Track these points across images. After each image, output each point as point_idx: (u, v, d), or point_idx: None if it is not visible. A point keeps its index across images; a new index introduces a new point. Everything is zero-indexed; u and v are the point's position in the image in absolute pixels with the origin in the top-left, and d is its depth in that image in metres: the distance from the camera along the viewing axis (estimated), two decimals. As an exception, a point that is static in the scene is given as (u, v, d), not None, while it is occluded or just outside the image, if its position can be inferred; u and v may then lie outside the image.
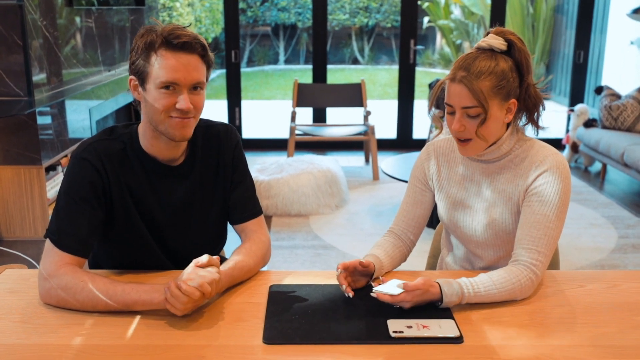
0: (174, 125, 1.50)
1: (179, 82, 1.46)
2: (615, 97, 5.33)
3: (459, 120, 1.52)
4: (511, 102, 1.53)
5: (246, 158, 1.73)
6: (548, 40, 9.71)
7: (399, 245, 1.71)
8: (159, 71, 1.45)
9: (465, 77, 1.49)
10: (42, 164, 3.55)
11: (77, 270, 1.45)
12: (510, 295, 1.45)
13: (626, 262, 3.63)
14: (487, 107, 1.49)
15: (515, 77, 1.52)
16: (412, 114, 6.36)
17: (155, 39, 1.45)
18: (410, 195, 1.74)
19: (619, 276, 1.65)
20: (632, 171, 4.74)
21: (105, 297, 1.39)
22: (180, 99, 1.47)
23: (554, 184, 1.52)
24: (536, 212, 1.52)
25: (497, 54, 1.51)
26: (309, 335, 1.32)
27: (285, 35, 13.08)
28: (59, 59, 3.85)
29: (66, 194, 1.50)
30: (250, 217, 1.69)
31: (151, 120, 1.52)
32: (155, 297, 1.38)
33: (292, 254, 3.70)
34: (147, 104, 1.50)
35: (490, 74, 1.49)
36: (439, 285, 1.41)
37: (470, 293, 1.42)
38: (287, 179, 4.38)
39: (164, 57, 1.45)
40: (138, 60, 1.47)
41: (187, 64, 1.46)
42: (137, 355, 1.25)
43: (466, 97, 1.49)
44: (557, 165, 1.54)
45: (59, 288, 1.41)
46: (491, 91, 1.49)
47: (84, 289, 1.40)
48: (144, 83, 1.49)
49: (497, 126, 1.54)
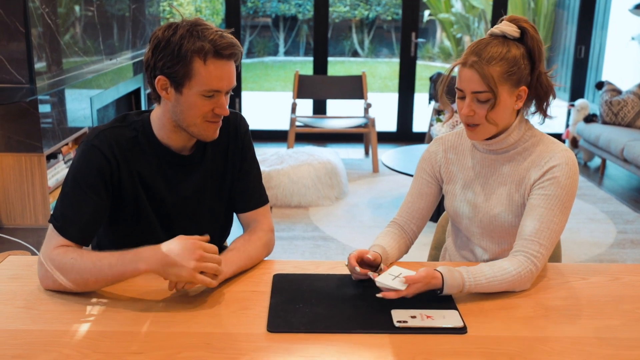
0: (208, 128, 1.51)
1: (222, 89, 1.46)
2: (616, 93, 5.33)
3: (469, 105, 1.52)
4: (521, 89, 1.53)
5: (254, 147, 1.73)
6: (549, 35, 9.70)
7: (402, 236, 1.71)
8: (206, 79, 1.43)
9: (477, 62, 1.49)
10: (43, 152, 3.55)
11: (68, 250, 1.44)
12: (510, 286, 1.46)
13: (625, 257, 3.64)
14: (496, 93, 1.49)
15: (526, 65, 1.52)
16: (412, 107, 6.36)
17: (205, 47, 1.41)
18: (416, 187, 1.74)
19: (620, 269, 1.65)
20: (632, 167, 4.75)
21: (93, 274, 1.39)
22: (220, 104, 1.48)
23: (562, 179, 1.53)
24: (541, 205, 1.52)
25: (510, 41, 1.51)
26: (313, 324, 1.33)
27: (286, 27, 13.05)
28: (60, 47, 3.84)
29: (73, 181, 1.49)
30: (257, 206, 1.69)
31: (180, 121, 1.50)
32: (139, 265, 1.37)
33: (292, 245, 3.70)
34: (181, 106, 1.48)
35: (501, 59, 1.49)
36: (441, 274, 1.41)
37: (471, 283, 1.42)
38: (287, 170, 4.38)
39: (214, 65, 1.43)
40: (175, 63, 1.42)
41: (230, 72, 1.47)
42: (141, 341, 1.25)
43: (476, 82, 1.50)
44: (566, 161, 1.54)
45: (53, 270, 1.41)
46: (502, 77, 1.49)
47: (73, 266, 1.40)
48: (180, 87, 1.46)
49: (506, 112, 1.54)
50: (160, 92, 1.49)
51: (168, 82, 1.46)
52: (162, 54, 1.43)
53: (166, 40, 1.43)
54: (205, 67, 1.43)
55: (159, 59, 1.44)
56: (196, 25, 1.43)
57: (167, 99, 1.49)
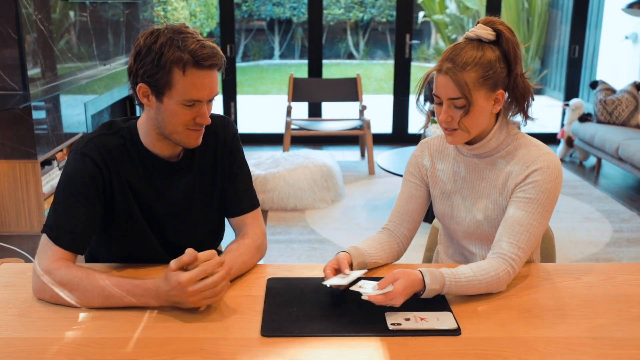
0: (190, 136, 1.50)
1: (203, 99, 1.46)
2: (610, 92, 5.35)
3: (446, 111, 1.53)
4: (499, 92, 1.53)
5: (244, 150, 1.73)
6: (543, 35, 9.72)
7: (388, 240, 1.69)
8: (185, 89, 1.42)
9: (451, 69, 1.49)
10: (37, 159, 3.54)
11: (71, 265, 1.43)
12: (489, 287, 1.45)
13: (621, 256, 3.64)
14: (470, 100, 1.49)
15: (502, 68, 1.52)
16: (407, 109, 6.36)
17: (183, 57, 1.40)
18: (405, 192, 1.74)
19: (614, 269, 1.66)
20: (627, 165, 4.75)
21: (100, 295, 1.38)
22: (201, 113, 1.47)
23: (543, 183, 1.53)
24: (521, 208, 1.52)
25: (485, 44, 1.51)
26: (307, 327, 1.32)
27: (281, 30, 13.05)
28: (54, 53, 3.83)
29: (65, 189, 1.49)
30: (247, 210, 1.68)
31: (162, 129, 1.50)
32: (151, 302, 1.37)
33: (288, 248, 3.70)
34: (162, 115, 1.47)
35: (475, 65, 1.49)
36: (422, 276, 1.40)
37: (451, 282, 1.41)
38: (283, 173, 4.38)
39: (193, 75, 1.42)
40: (155, 72, 1.41)
41: (211, 82, 1.46)
42: (135, 348, 1.25)
43: (451, 89, 1.50)
44: (548, 165, 1.54)
45: (53, 284, 1.40)
46: (477, 82, 1.49)
47: (79, 285, 1.39)
48: (160, 95, 1.45)
49: (483, 117, 1.54)
50: (142, 100, 1.48)
51: (149, 89, 1.45)
52: (143, 62, 1.42)
53: (147, 47, 1.42)
54: (184, 77, 1.42)
55: (140, 67, 1.43)
56: (178, 34, 1.41)
57: (149, 106, 1.49)
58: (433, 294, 1.41)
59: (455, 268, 1.46)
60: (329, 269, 1.48)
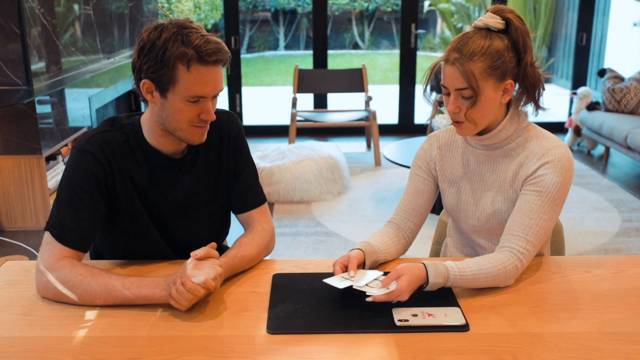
0: (195, 133, 1.49)
1: (207, 95, 1.44)
2: (619, 80, 5.29)
3: (454, 102, 1.50)
4: (507, 82, 1.50)
5: (248, 145, 1.71)
6: (550, 23, 9.64)
7: (396, 235, 1.68)
8: (189, 85, 1.41)
9: (458, 59, 1.46)
10: (42, 154, 3.54)
11: (75, 263, 1.42)
12: (495, 281, 1.43)
13: (630, 246, 3.61)
14: (477, 90, 1.46)
15: (511, 57, 1.48)
16: (413, 99, 6.32)
17: (187, 53, 1.38)
18: (412, 185, 1.72)
19: (625, 261, 1.63)
20: (636, 154, 4.71)
21: (104, 292, 1.37)
22: (206, 110, 1.45)
23: (554, 176, 1.50)
24: (531, 202, 1.50)
25: (493, 33, 1.48)
26: (313, 324, 1.31)
27: (285, 21, 13.00)
28: (58, 47, 3.82)
29: (68, 187, 1.47)
30: (254, 206, 1.67)
31: (166, 125, 1.48)
32: (156, 292, 1.36)
33: (295, 241, 3.69)
34: (166, 111, 1.46)
35: (483, 54, 1.46)
36: (425, 268, 1.38)
37: (456, 275, 1.40)
38: (288, 165, 4.36)
39: (198, 71, 1.40)
40: (159, 68, 1.40)
41: (215, 78, 1.44)
42: (140, 346, 1.24)
43: (458, 79, 1.47)
44: (560, 158, 1.51)
45: (57, 282, 1.39)
46: (484, 72, 1.46)
47: (82, 282, 1.38)
48: (164, 91, 1.43)
49: (491, 108, 1.51)
50: (146, 96, 1.46)
51: (153, 86, 1.44)
52: (147, 58, 1.41)
53: (151, 43, 1.40)
54: (188, 73, 1.40)
55: (144, 62, 1.41)
56: (182, 29, 1.39)
57: (153, 102, 1.47)
58: (437, 287, 1.39)
59: (461, 261, 1.44)
60: (338, 265, 1.47)
